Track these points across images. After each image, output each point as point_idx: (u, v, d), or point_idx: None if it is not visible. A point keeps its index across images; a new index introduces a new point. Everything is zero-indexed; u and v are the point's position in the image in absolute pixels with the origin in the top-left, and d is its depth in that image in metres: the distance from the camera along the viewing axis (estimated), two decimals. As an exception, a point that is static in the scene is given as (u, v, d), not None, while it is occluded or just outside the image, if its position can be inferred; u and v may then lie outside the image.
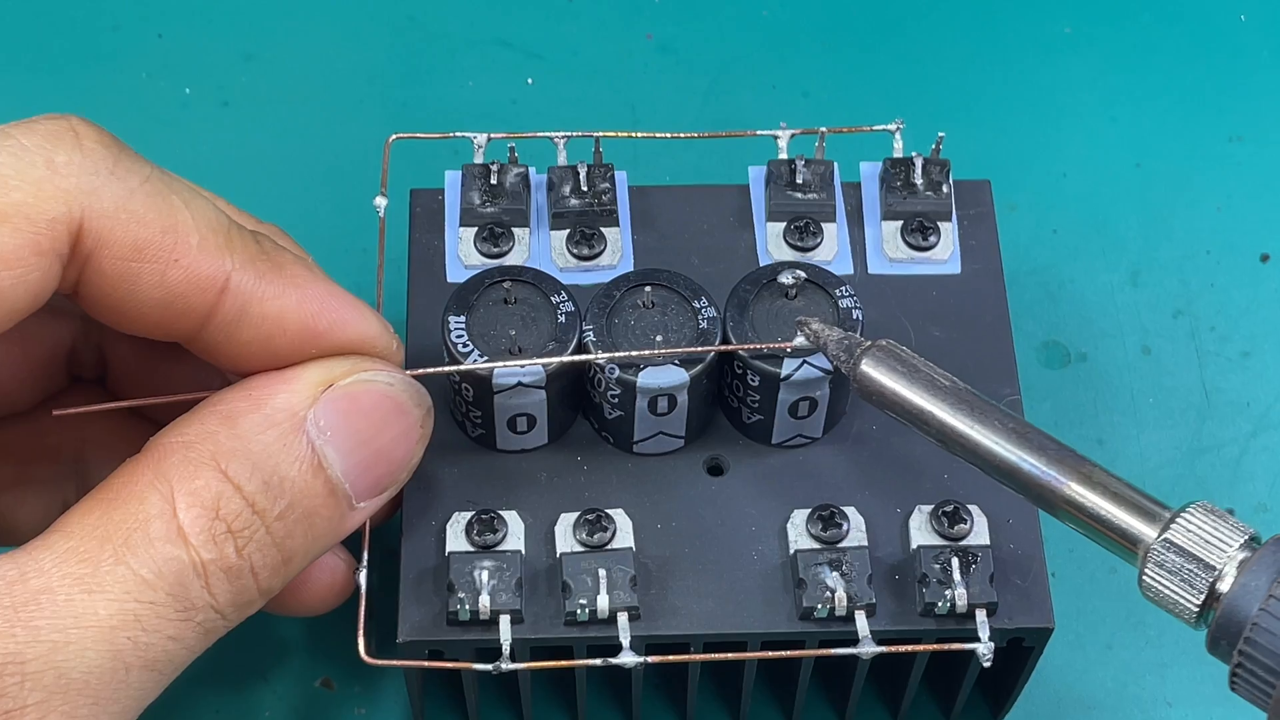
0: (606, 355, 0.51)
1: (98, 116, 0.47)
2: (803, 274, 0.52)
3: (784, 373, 0.52)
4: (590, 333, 0.52)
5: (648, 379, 0.51)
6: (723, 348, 0.52)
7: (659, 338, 0.52)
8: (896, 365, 0.48)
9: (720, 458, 0.54)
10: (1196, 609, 0.43)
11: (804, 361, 0.51)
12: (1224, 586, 0.43)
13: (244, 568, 0.45)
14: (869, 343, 0.49)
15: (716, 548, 0.52)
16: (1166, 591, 0.43)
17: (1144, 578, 0.44)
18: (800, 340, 0.51)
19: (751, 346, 0.52)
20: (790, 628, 0.51)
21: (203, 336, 0.47)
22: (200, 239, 0.45)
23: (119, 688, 0.43)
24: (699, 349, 0.52)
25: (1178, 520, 0.44)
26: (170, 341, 0.47)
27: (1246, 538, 0.43)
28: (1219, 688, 0.48)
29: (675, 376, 0.51)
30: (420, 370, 0.50)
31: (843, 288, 0.53)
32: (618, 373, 0.51)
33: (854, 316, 0.52)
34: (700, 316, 0.52)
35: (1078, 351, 0.64)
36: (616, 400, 0.52)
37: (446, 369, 0.51)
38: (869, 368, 0.48)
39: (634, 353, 0.51)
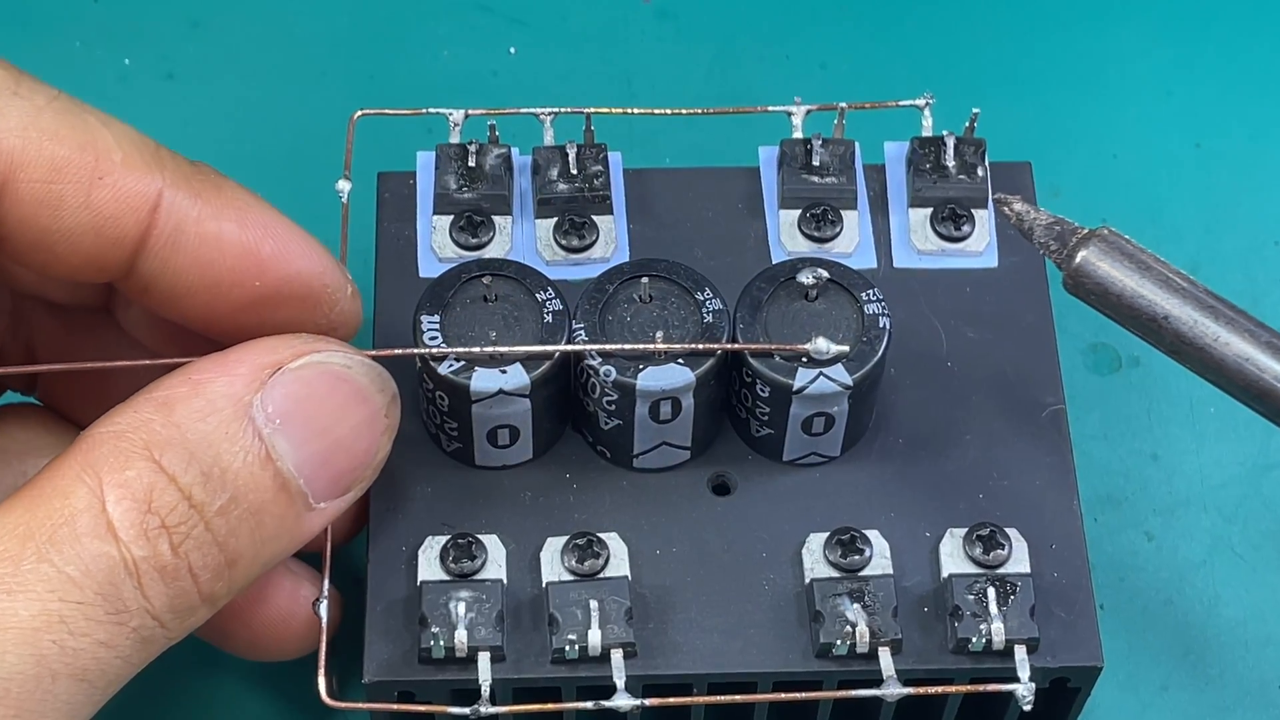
0: (598, 347, 0.51)
1: (26, 89, 0.47)
2: (825, 274, 0.52)
3: (796, 384, 0.52)
4: (581, 331, 0.52)
5: (649, 380, 0.51)
6: (731, 346, 0.52)
7: (659, 335, 0.52)
8: (1122, 259, 0.46)
9: (727, 475, 0.54)
10: None
11: (820, 373, 0.52)
12: None
13: (180, 567, 0.45)
14: (1086, 230, 0.47)
15: (723, 576, 0.52)
16: None
17: None
18: (820, 343, 0.51)
19: (760, 346, 0.52)
20: (805, 666, 0.51)
21: (138, 271, 0.47)
22: (124, 155, 0.46)
23: (44, 698, 0.43)
24: (706, 345, 0.52)
25: None
26: (103, 306, 0.47)
27: None
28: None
29: (680, 376, 0.51)
30: (383, 352, 0.50)
31: (870, 291, 0.52)
32: (614, 375, 0.51)
33: (880, 324, 0.52)
34: (705, 310, 0.52)
35: (1129, 355, 0.64)
36: (613, 407, 0.52)
37: (414, 351, 0.51)
38: (1091, 260, 0.46)
39: (628, 346, 0.51)
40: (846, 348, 0.51)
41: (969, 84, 0.68)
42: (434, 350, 0.51)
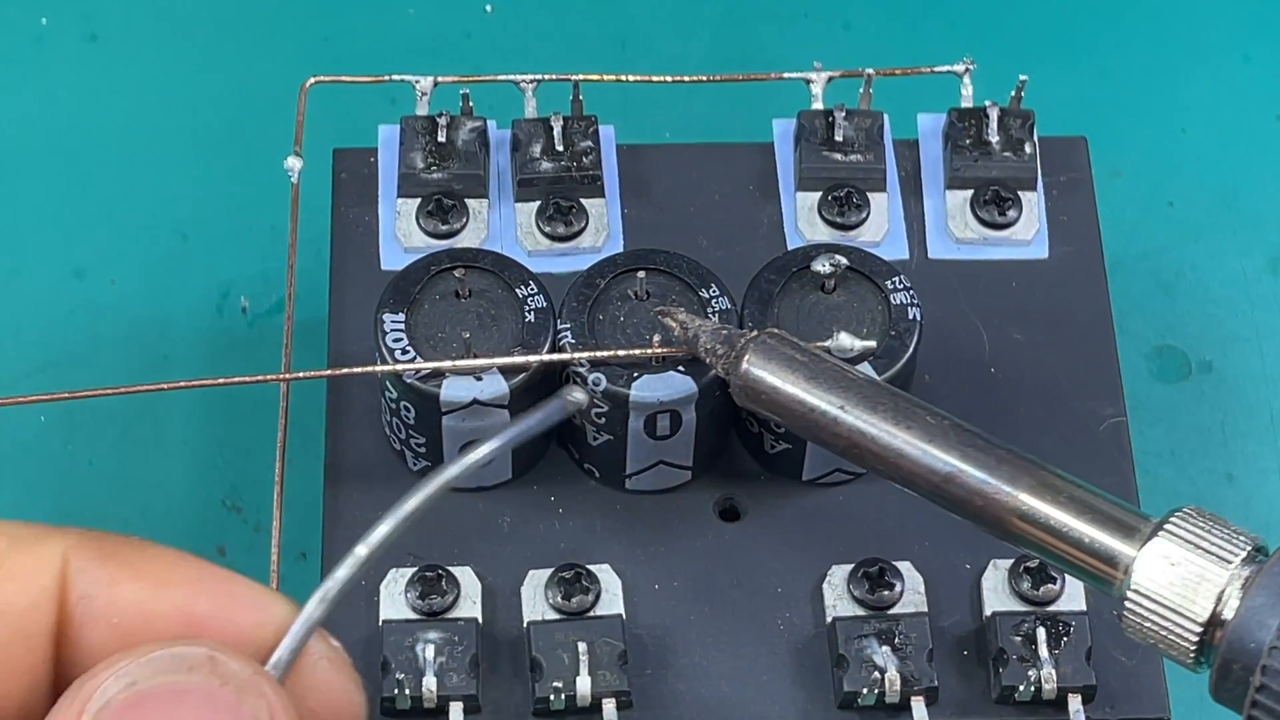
0: (586, 355, 0.51)
1: (-72, 53, 0.47)
2: (843, 260, 0.52)
3: (819, 387, 0.52)
4: (568, 333, 0.52)
5: (644, 390, 0.51)
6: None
7: (657, 338, 0.52)
8: (790, 359, 0.48)
9: (736, 497, 0.54)
10: (1193, 645, 0.43)
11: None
12: (1227, 613, 0.43)
13: None
14: (754, 332, 0.49)
15: (731, 614, 0.53)
16: (1152, 626, 0.43)
17: (1124, 611, 0.44)
18: (843, 339, 0.51)
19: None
20: (827, 718, 0.51)
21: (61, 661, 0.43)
22: (9, 533, 0.42)
23: None
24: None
25: (1160, 533, 0.44)
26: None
27: (1250, 549, 0.43)
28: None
29: (680, 386, 0.52)
30: (344, 371, 0.50)
31: (895, 279, 0.53)
32: (605, 383, 0.52)
33: (910, 316, 0.52)
34: (710, 308, 0.52)
35: (1200, 360, 0.64)
36: (603, 420, 0.52)
37: (372, 369, 0.51)
38: (755, 365, 0.48)
39: (622, 352, 0.51)
40: (873, 343, 0.52)
41: (1015, 47, 0.68)
42: (396, 368, 0.51)
